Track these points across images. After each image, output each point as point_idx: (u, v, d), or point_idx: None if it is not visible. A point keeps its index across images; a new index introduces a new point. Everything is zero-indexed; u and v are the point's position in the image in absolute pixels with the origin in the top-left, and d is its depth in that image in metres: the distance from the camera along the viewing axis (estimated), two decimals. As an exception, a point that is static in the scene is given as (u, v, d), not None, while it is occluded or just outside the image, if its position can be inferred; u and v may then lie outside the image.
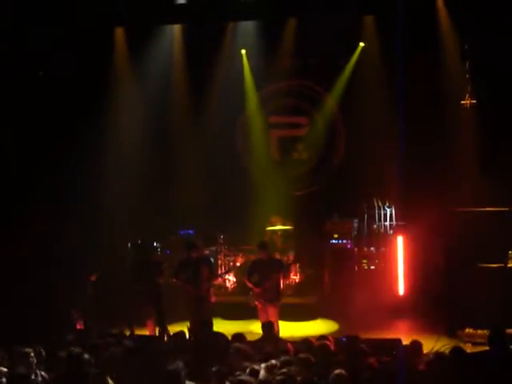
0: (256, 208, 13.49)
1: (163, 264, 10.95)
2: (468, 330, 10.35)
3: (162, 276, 10.74)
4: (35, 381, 6.95)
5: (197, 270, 10.28)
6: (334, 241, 13.26)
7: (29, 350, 7.19)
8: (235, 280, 13.32)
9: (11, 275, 11.45)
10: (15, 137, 12.82)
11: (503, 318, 9.57)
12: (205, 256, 11.33)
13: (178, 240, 13.40)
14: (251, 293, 10.33)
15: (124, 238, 13.71)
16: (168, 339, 9.08)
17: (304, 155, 14.97)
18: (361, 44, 13.89)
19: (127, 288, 11.04)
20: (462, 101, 12.15)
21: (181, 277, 10.39)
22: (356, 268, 13.05)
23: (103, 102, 13.57)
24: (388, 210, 13.32)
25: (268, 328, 8.74)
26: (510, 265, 10.67)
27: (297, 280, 13.12)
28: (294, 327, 11.67)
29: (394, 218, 13.30)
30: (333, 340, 7.77)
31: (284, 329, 10.73)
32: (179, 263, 10.62)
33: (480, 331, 10.03)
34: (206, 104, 14.26)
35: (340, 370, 6.21)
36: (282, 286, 11.66)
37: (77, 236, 12.00)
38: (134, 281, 10.75)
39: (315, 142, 14.76)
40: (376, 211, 13.38)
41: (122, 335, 8.79)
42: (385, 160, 13.06)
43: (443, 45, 12.62)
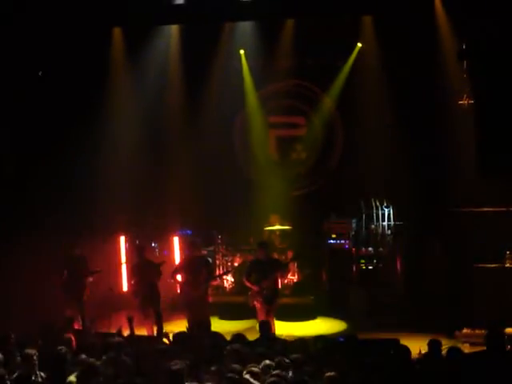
0: (254, 208, 13.49)
1: (161, 264, 10.91)
2: (466, 330, 10.35)
3: (160, 277, 10.75)
4: (35, 381, 6.98)
5: (195, 271, 10.30)
6: (332, 241, 13.26)
7: (32, 352, 7.15)
8: (233, 280, 13.32)
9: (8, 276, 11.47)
10: (12, 136, 12.80)
11: (501, 318, 9.60)
12: (203, 256, 11.33)
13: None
14: (250, 293, 10.33)
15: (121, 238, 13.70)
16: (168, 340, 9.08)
17: (302, 155, 14.97)
18: (358, 44, 13.89)
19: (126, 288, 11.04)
20: (460, 101, 12.17)
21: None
22: (354, 268, 13.05)
23: (101, 102, 13.55)
24: (386, 210, 13.33)
25: (265, 327, 8.73)
26: (508, 265, 10.68)
27: (294, 280, 13.12)
28: (291, 327, 11.67)
29: (392, 218, 13.32)
30: (330, 339, 7.79)
31: (281, 329, 10.72)
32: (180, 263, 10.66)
33: (478, 331, 10.03)
34: (204, 104, 14.24)
35: (331, 373, 6.19)
36: (280, 286, 11.67)
37: (74, 235, 11.99)
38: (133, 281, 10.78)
39: (313, 142, 14.77)
40: (374, 211, 13.39)
41: (121, 335, 8.78)
42: (383, 160, 13.08)
43: (441, 45, 12.61)
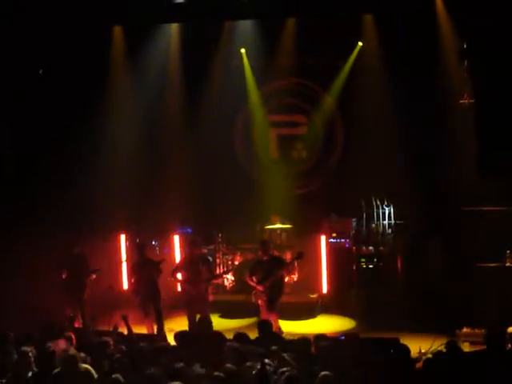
0: (255, 206, 13.48)
1: (161, 263, 10.91)
2: (466, 329, 10.34)
3: (160, 275, 10.76)
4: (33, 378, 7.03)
5: (196, 269, 10.30)
6: (333, 240, 13.25)
7: (27, 349, 7.31)
8: (233, 278, 13.32)
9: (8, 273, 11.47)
10: (13, 134, 12.80)
11: (501, 317, 9.59)
12: (203, 255, 11.33)
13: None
14: (254, 292, 10.33)
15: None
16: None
17: (303, 154, 14.97)
18: (359, 43, 13.89)
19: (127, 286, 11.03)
20: (461, 100, 12.17)
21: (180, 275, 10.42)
22: (354, 267, 13.05)
23: (101, 100, 13.55)
24: (386, 209, 13.32)
25: (264, 326, 8.72)
26: (508, 264, 10.67)
27: (295, 279, 13.11)
28: (292, 325, 11.67)
29: (393, 217, 13.31)
30: (331, 338, 7.78)
31: (282, 327, 10.71)
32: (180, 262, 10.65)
33: (478, 330, 10.02)
34: (204, 103, 14.24)
35: (326, 372, 6.19)
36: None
37: (75, 233, 11.99)
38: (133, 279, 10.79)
39: (314, 141, 14.77)
40: (374, 210, 13.38)
41: (119, 333, 8.78)
42: (383, 159, 13.07)
43: (441, 44, 12.61)
